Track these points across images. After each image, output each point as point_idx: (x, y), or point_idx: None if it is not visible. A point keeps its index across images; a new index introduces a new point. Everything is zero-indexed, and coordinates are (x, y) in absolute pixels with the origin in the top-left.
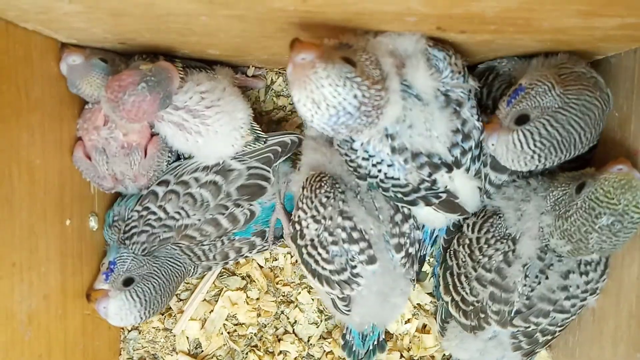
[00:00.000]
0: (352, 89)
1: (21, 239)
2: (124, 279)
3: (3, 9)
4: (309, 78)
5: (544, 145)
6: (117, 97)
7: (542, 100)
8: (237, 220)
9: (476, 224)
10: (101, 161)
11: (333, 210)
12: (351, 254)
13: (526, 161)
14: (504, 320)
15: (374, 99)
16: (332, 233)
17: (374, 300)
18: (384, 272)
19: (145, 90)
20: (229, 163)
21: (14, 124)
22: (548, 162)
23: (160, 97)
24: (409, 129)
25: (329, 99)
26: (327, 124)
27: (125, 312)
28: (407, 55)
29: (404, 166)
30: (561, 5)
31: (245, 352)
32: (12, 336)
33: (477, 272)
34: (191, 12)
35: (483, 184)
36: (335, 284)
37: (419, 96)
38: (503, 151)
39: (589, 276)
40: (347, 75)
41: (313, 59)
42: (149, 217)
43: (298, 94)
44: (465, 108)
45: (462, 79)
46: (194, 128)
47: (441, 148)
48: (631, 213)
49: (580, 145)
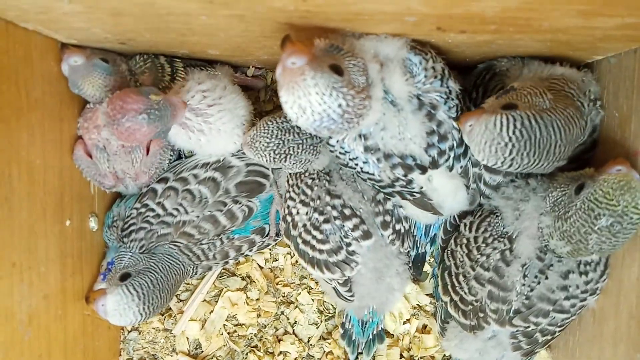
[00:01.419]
0: (337, 99)
1: (21, 239)
2: (121, 275)
3: (3, 9)
4: (298, 84)
5: (521, 136)
6: (115, 117)
7: (532, 100)
8: (235, 217)
9: (473, 223)
10: (102, 159)
11: (319, 190)
12: (344, 231)
13: (497, 148)
14: (503, 319)
15: (357, 108)
16: (323, 212)
17: (370, 278)
18: (377, 248)
19: (144, 122)
20: (229, 160)
21: (14, 124)
22: (514, 162)
23: (157, 130)
24: (382, 131)
25: (314, 106)
26: (310, 127)
27: (123, 306)
28: (387, 59)
29: (377, 164)
30: (561, 5)
31: (245, 353)
32: (12, 336)
33: (475, 271)
34: (191, 11)
35: (472, 183)
36: (335, 267)
37: (394, 102)
38: (480, 131)
39: (588, 276)
40: (334, 85)
41: (303, 64)
42: (147, 214)
43: (285, 97)
44: (440, 110)
45: (438, 82)
46: (196, 126)
47: (416, 149)
48: (630, 214)
49: (550, 156)
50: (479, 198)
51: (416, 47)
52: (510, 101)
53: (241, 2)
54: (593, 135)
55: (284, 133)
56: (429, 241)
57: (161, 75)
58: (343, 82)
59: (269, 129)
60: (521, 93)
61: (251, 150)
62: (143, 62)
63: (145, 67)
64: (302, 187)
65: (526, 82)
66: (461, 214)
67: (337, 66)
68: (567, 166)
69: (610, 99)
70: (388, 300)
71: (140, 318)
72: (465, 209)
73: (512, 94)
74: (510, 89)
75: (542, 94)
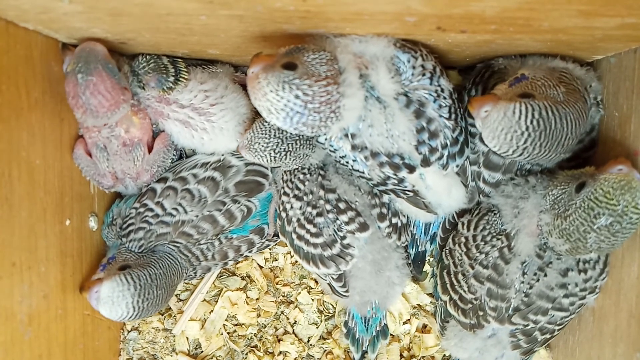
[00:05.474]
0: (292, 91)
1: (21, 239)
2: (120, 265)
3: (3, 9)
4: (255, 89)
5: (538, 126)
6: (80, 104)
7: (547, 91)
8: (234, 217)
9: (471, 221)
10: (102, 158)
11: (311, 184)
12: (337, 224)
13: (512, 136)
14: (502, 317)
15: (319, 95)
16: (316, 205)
17: (370, 272)
18: (375, 240)
19: (85, 78)
20: (228, 160)
21: (14, 124)
22: (525, 151)
23: (103, 71)
24: (370, 128)
25: (275, 104)
26: (285, 126)
27: (117, 294)
28: (373, 58)
29: (365, 163)
30: (561, 5)
31: (245, 353)
32: (12, 336)
33: (474, 269)
34: (191, 11)
35: (471, 181)
36: (330, 261)
37: (379, 98)
38: (497, 117)
39: (587, 274)
40: (284, 79)
41: (258, 70)
42: (146, 213)
43: (254, 104)
44: (429, 108)
45: (427, 80)
46: (199, 125)
47: (406, 146)
48: (630, 214)
49: (559, 148)
50: (477, 196)
51: (405, 45)
52: (527, 90)
53: (241, 2)
54: (592, 134)
55: (280, 131)
56: (429, 239)
57: (165, 76)
58: (295, 75)
59: (265, 129)
60: (535, 84)
61: (250, 153)
62: (146, 62)
63: (149, 68)
64: (296, 181)
65: (537, 71)
66: (460, 213)
67: (290, 63)
68: (565, 164)
69: (610, 98)
70: (389, 294)
71: (133, 313)
72: (464, 207)
73: (527, 84)
74: (521, 77)
75: (555, 86)
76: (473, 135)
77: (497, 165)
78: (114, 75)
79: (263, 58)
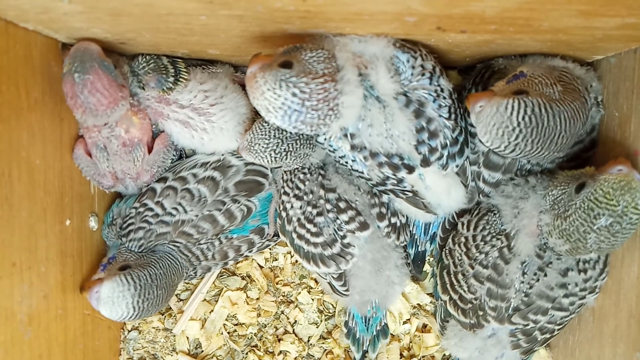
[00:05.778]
0: (289, 89)
1: (21, 239)
2: (121, 265)
3: (3, 9)
4: (253, 88)
5: (530, 122)
6: (79, 104)
7: (543, 89)
8: (234, 217)
9: (471, 221)
10: (102, 158)
11: (311, 184)
12: (337, 224)
13: (504, 132)
14: (502, 316)
15: (317, 93)
16: (316, 205)
17: (370, 271)
18: (375, 240)
19: (82, 77)
20: (228, 159)
21: (14, 124)
22: (517, 148)
23: (99, 69)
24: (369, 128)
25: (272, 103)
26: (284, 124)
27: (117, 294)
28: (373, 58)
29: (364, 163)
30: (561, 5)
31: (245, 352)
32: (12, 336)
33: (474, 269)
34: (191, 11)
35: (471, 181)
36: (330, 260)
37: (379, 98)
38: (490, 112)
39: (587, 274)
40: (281, 78)
41: (256, 70)
42: (145, 213)
43: (252, 103)
44: (429, 108)
45: (427, 80)
46: (199, 125)
47: (406, 146)
48: (630, 214)
49: (552, 146)
50: (477, 196)
51: (405, 45)
52: (522, 87)
53: (241, 2)
54: (592, 134)
55: (280, 131)
56: (429, 239)
57: (165, 77)
58: (292, 73)
59: (265, 129)
60: (532, 81)
61: (251, 154)
62: (146, 63)
63: (149, 68)
64: (296, 181)
65: (536, 69)
66: (459, 213)
67: (287, 61)
68: (565, 165)
69: (610, 98)
70: (389, 294)
71: (133, 313)
72: (463, 207)
73: (524, 81)
74: (520, 74)
75: (552, 84)
76: (473, 135)
77: (497, 165)
78: (111, 73)
79: (261, 58)
